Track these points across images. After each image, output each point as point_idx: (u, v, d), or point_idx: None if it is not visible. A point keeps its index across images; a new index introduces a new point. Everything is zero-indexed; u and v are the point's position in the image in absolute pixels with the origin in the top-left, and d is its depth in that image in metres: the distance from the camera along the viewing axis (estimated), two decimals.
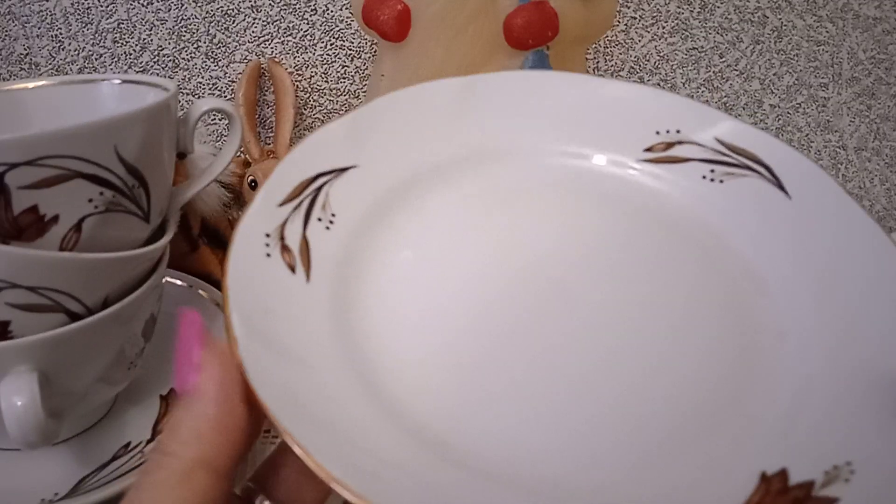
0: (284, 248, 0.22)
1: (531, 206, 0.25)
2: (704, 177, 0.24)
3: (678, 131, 0.25)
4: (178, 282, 0.40)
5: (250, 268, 0.20)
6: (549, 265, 0.23)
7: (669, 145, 0.25)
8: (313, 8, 0.52)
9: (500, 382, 0.21)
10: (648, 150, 0.25)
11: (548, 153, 0.26)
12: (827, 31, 0.59)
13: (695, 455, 0.19)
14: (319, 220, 0.23)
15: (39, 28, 0.49)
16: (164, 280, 0.32)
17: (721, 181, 0.24)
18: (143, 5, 0.50)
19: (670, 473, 0.19)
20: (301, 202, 0.23)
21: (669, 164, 0.25)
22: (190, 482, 0.16)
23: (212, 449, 0.16)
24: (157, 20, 0.50)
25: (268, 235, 0.21)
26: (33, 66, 0.50)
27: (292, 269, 0.21)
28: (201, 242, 0.45)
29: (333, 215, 0.23)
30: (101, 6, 0.49)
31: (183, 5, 0.50)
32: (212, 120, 0.54)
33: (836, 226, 0.22)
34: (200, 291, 0.40)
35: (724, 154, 0.24)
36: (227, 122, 0.51)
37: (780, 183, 0.23)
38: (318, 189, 0.23)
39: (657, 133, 0.25)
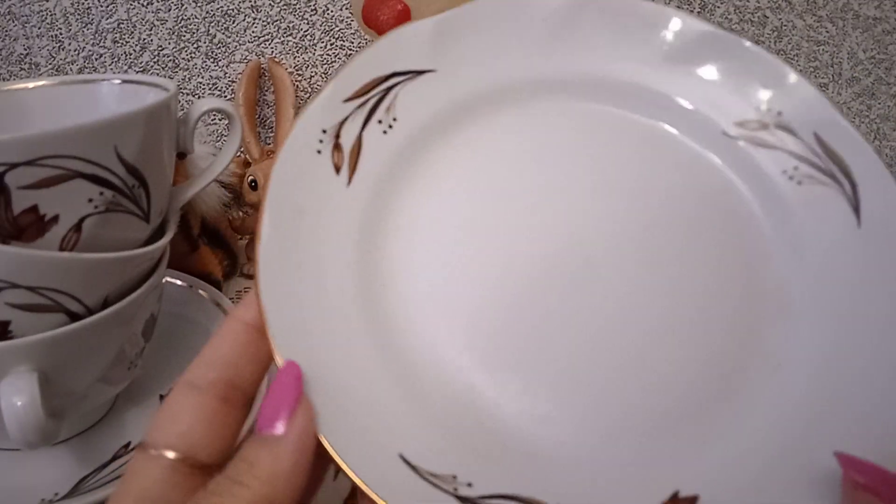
0: (336, 147, 0.21)
1: (587, 155, 0.23)
2: (785, 171, 0.22)
3: (779, 113, 0.23)
4: (178, 282, 0.40)
5: (297, 164, 0.20)
6: (585, 233, 0.22)
7: (764, 126, 0.23)
8: (313, 8, 0.52)
9: (509, 353, 0.20)
10: (740, 124, 0.23)
11: (628, 102, 0.24)
12: (827, 31, 0.59)
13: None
14: (380, 122, 0.22)
15: (39, 28, 0.49)
16: (164, 280, 0.32)
17: (800, 182, 0.22)
18: (143, 5, 0.50)
19: (669, 455, 0.19)
20: (367, 101, 0.22)
21: (755, 146, 0.23)
22: None
23: (282, 492, 0.16)
24: (157, 20, 0.50)
25: (324, 132, 0.21)
26: (33, 66, 0.50)
27: (337, 169, 0.21)
28: (201, 242, 0.45)
29: (395, 119, 0.22)
30: (101, 6, 0.49)
31: (183, 5, 0.50)
32: (212, 120, 0.54)
33: (894, 275, 0.20)
34: (200, 291, 0.40)
35: (816, 154, 0.22)
36: (227, 122, 0.51)
37: (858, 206, 0.21)
38: (389, 89, 0.23)
39: (756, 109, 0.23)
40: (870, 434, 0.18)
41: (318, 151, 0.21)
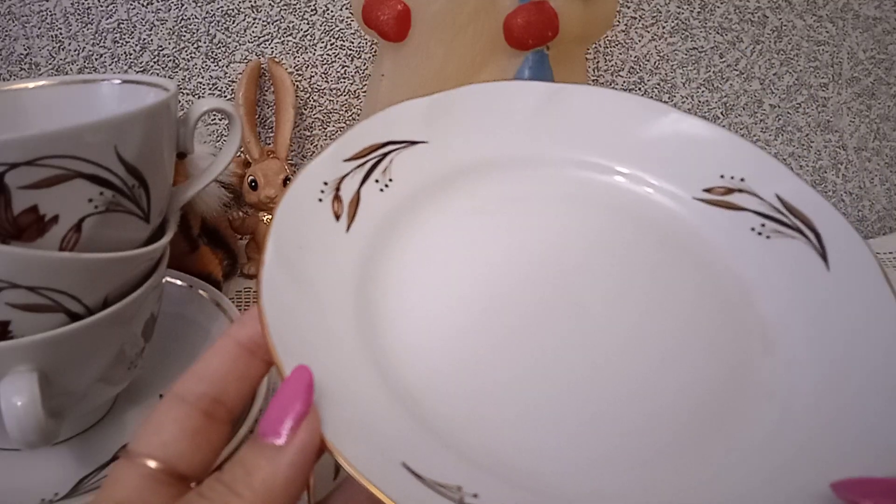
0: (336, 198, 0.23)
1: (570, 215, 0.26)
2: (753, 229, 0.24)
3: (742, 179, 0.25)
4: (178, 282, 0.40)
5: (300, 207, 0.22)
6: (572, 282, 0.24)
7: (729, 191, 0.25)
8: (313, 8, 0.52)
9: (498, 377, 0.21)
10: (707, 190, 0.26)
11: (607, 171, 0.27)
12: (827, 31, 0.59)
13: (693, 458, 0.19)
14: (377, 181, 0.25)
15: (39, 28, 0.49)
16: (164, 280, 0.32)
17: (768, 237, 0.24)
18: (143, 5, 0.50)
19: (667, 477, 0.19)
20: (365, 162, 0.25)
21: (723, 209, 0.25)
22: None
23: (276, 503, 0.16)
24: (157, 20, 0.50)
25: (325, 183, 0.23)
26: (33, 66, 0.50)
27: (337, 217, 0.23)
28: (201, 242, 0.45)
29: (391, 180, 0.25)
30: (101, 6, 0.49)
31: (183, 5, 0.50)
32: (212, 120, 0.54)
33: (866, 309, 0.21)
34: (200, 291, 0.40)
35: (780, 212, 0.24)
36: (227, 122, 0.51)
37: (825, 253, 0.23)
38: (385, 155, 0.25)
39: (721, 176, 0.25)
40: (863, 459, 0.18)
41: (320, 200, 0.23)
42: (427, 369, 0.21)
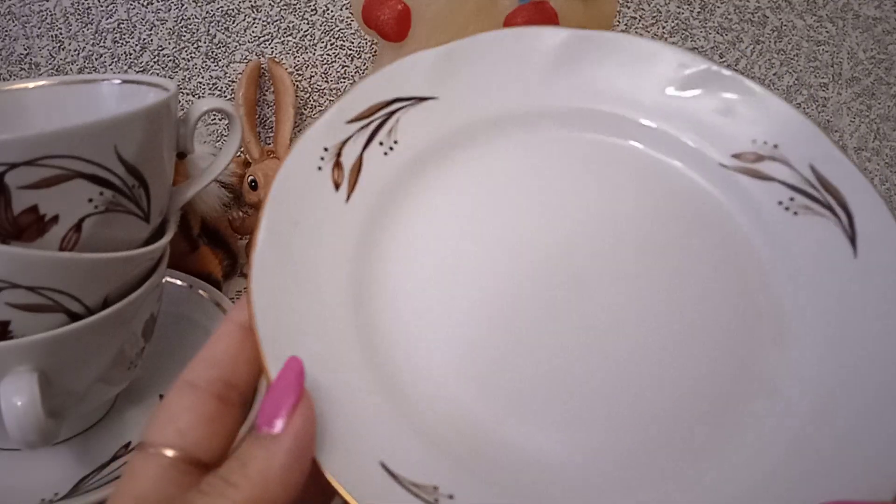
0: (337, 165, 0.22)
1: (582, 182, 0.24)
2: (780, 202, 0.22)
3: (776, 146, 0.23)
4: (178, 282, 0.40)
5: (297, 178, 0.21)
6: (579, 256, 0.22)
7: (760, 158, 0.23)
8: (313, 8, 0.52)
9: (499, 370, 0.20)
10: (736, 156, 0.23)
11: (627, 132, 0.24)
12: (827, 31, 0.59)
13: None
14: (381, 143, 0.23)
15: (39, 28, 0.49)
16: (164, 280, 0.32)
17: (795, 213, 0.22)
18: (143, 5, 0.50)
19: (654, 478, 0.19)
20: (370, 123, 0.23)
21: (751, 178, 0.23)
22: None
23: (270, 495, 0.16)
24: (157, 20, 0.50)
25: (325, 150, 0.22)
26: (33, 66, 0.50)
27: (337, 186, 0.22)
28: (201, 242, 0.45)
29: (395, 142, 0.23)
30: (101, 6, 0.49)
31: (183, 5, 0.50)
32: (212, 120, 0.54)
33: (892, 307, 0.20)
34: (200, 291, 0.40)
35: (812, 185, 0.22)
36: (227, 122, 0.51)
37: (854, 236, 0.21)
38: (391, 113, 0.23)
39: (753, 141, 0.23)
40: (868, 472, 0.18)
41: (319, 168, 0.22)
42: (421, 359, 0.20)
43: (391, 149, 0.23)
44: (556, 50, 0.25)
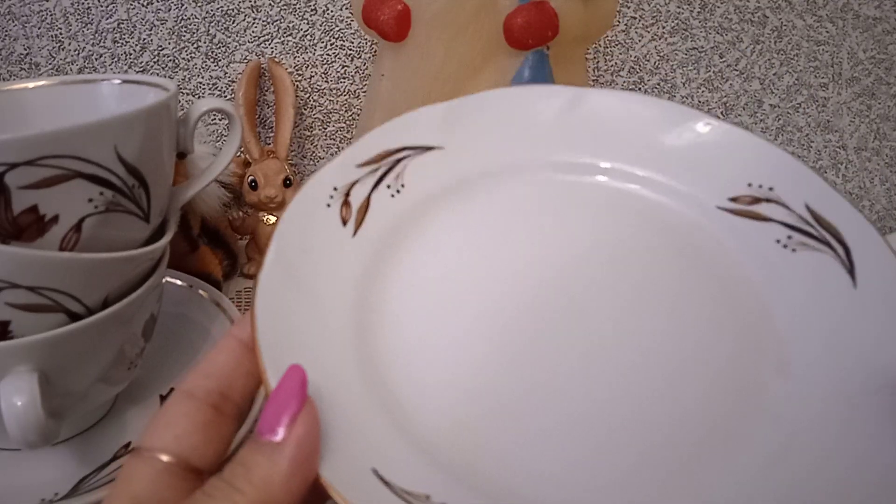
0: (345, 203, 0.23)
1: (582, 223, 0.25)
2: (778, 241, 0.23)
3: (771, 188, 0.24)
4: (178, 282, 0.40)
5: (307, 211, 0.22)
6: (580, 293, 0.23)
7: (756, 200, 0.24)
8: (313, 8, 0.52)
9: (493, 391, 0.20)
10: (733, 199, 0.24)
11: (628, 178, 0.26)
12: (827, 31, 0.59)
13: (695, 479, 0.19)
14: (388, 186, 0.25)
15: (39, 28, 0.49)
16: (164, 280, 0.32)
17: (794, 250, 0.23)
18: (143, 5, 0.50)
19: (655, 500, 0.18)
20: (379, 167, 0.25)
21: (748, 220, 0.24)
22: None
23: (278, 499, 0.16)
24: (157, 20, 0.50)
25: (335, 189, 0.23)
26: (33, 66, 0.50)
27: (344, 222, 0.23)
28: (201, 242, 0.45)
29: (402, 185, 0.25)
30: (101, 6, 0.49)
31: (183, 5, 0.50)
32: (212, 120, 0.54)
33: (893, 333, 0.20)
34: (200, 291, 0.40)
35: (809, 223, 0.23)
36: (227, 122, 0.51)
37: (853, 268, 0.21)
38: (399, 160, 0.25)
39: (749, 185, 0.24)
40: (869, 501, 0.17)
41: (328, 205, 0.23)
42: (417, 376, 0.21)
43: (398, 191, 0.25)
44: (558, 110, 0.26)
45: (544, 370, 0.21)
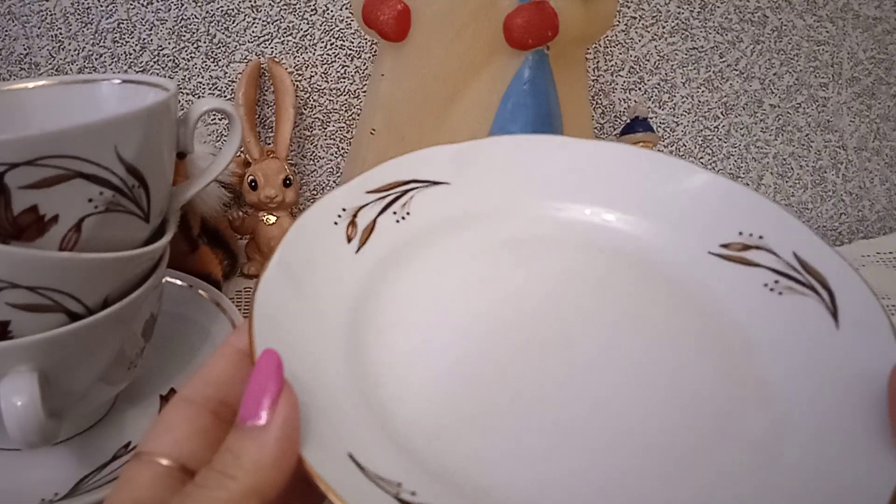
0: (352, 223, 0.25)
1: (574, 261, 0.26)
2: (766, 285, 0.24)
3: (761, 237, 0.25)
4: (178, 282, 0.40)
5: (314, 227, 0.24)
6: (567, 323, 0.24)
7: (746, 247, 0.25)
8: (313, 8, 0.52)
9: (475, 403, 0.21)
10: (725, 245, 0.25)
11: (625, 223, 0.27)
12: (827, 31, 0.59)
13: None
14: (394, 213, 0.26)
15: (39, 28, 0.49)
16: (164, 280, 0.32)
17: (780, 293, 0.24)
18: (143, 5, 0.50)
19: None
20: (387, 195, 0.26)
21: (737, 265, 0.25)
22: None
23: (267, 481, 0.17)
24: (157, 20, 0.50)
25: (343, 209, 0.25)
26: (33, 66, 0.50)
27: (349, 239, 0.25)
28: (201, 242, 0.45)
29: (408, 213, 0.26)
30: (101, 6, 0.49)
31: (183, 5, 0.50)
32: (212, 120, 0.54)
33: (872, 371, 0.20)
34: (200, 291, 0.40)
35: (795, 270, 0.24)
36: (227, 122, 0.51)
37: (836, 311, 0.22)
38: (407, 191, 0.27)
39: (739, 233, 0.25)
40: None
41: (335, 223, 0.25)
42: (405, 379, 0.21)
43: (403, 218, 0.26)
44: (563, 162, 0.28)
45: (526, 385, 0.22)
